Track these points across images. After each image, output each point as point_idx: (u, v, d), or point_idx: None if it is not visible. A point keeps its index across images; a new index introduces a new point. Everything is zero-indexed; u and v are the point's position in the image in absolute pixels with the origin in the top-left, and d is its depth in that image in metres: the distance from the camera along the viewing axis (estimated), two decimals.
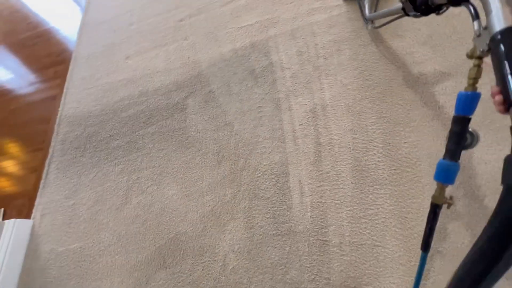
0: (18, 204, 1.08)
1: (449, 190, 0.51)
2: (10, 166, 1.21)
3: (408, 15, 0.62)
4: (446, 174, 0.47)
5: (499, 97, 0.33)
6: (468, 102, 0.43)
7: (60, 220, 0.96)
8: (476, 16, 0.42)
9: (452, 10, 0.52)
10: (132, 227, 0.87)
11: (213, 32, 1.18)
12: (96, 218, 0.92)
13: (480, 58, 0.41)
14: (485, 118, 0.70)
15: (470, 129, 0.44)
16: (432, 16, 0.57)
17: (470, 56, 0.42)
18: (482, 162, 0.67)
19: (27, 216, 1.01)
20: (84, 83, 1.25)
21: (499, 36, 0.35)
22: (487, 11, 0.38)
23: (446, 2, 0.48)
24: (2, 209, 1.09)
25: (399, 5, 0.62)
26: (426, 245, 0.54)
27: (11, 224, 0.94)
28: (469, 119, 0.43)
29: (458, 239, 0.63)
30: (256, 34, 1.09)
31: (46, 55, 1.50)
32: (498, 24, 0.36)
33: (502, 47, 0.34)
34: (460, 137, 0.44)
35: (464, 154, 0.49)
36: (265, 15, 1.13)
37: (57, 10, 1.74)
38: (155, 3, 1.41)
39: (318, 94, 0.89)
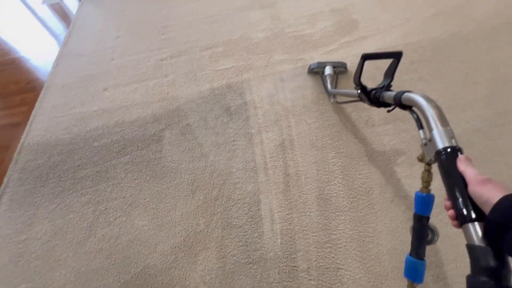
0: None
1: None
2: None
3: (363, 101, 0.71)
4: (414, 273, 0.48)
5: (451, 212, 0.34)
6: (424, 204, 0.45)
7: (5, 258, 0.85)
8: (420, 126, 0.46)
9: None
10: (94, 262, 0.81)
11: (192, 72, 1.29)
12: (52, 254, 0.84)
13: (429, 164, 0.45)
14: None
15: (430, 226, 0.47)
16: (378, 71, 0.72)
17: (420, 160, 0.46)
18: None
19: None
20: (55, 111, 1.23)
21: (443, 153, 0.38)
22: (429, 127, 0.42)
23: (393, 104, 0.56)
24: None
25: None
26: None
27: None
28: (428, 218, 0.45)
29: None
30: (232, 76, 1.23)
31: (14, 82, 1.46)
32: (441, 142, 0.39)
33: (446, 164, 0.37)
34: (421, 233, 0.47)
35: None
36: (240, 62, 1.29)
37: (32, 41, 1.75)
38: (138, 43, 1.51)
39: (286, 131, 1.01)
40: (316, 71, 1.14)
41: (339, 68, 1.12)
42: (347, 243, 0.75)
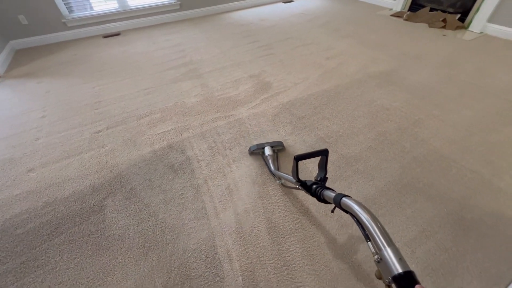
0: None
1: None
2: None
3: (306, 192, 0.72)
4: None
5: None
6: None
7: None
8: (367, 237, 0.43)
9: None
10: None
11: (131, 139, 1.34)
12: None
13: (389, 286, 0.42)
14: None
15: None
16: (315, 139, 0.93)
17: (378, 277, 0.43)
18: None
19: None
20: None
21: (399, 281, 0.36)
22: (376, 245, 0.40)
23: (334, 204, 0.55)
24: None
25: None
26: None
27: None
28: None
29: None
30: (172, 137, 1.33)
31: None
32: (394, 267, 0.37)
33: None
34: None
35: None
36: (178, 124, 1.42)
37: None
38: (68, 120, 1.50)
39: (229, 175, 1.12)
40: (256, 152, 1.21)
41: (277, 147, 1.19)
42: (300, 261, 0.84)
